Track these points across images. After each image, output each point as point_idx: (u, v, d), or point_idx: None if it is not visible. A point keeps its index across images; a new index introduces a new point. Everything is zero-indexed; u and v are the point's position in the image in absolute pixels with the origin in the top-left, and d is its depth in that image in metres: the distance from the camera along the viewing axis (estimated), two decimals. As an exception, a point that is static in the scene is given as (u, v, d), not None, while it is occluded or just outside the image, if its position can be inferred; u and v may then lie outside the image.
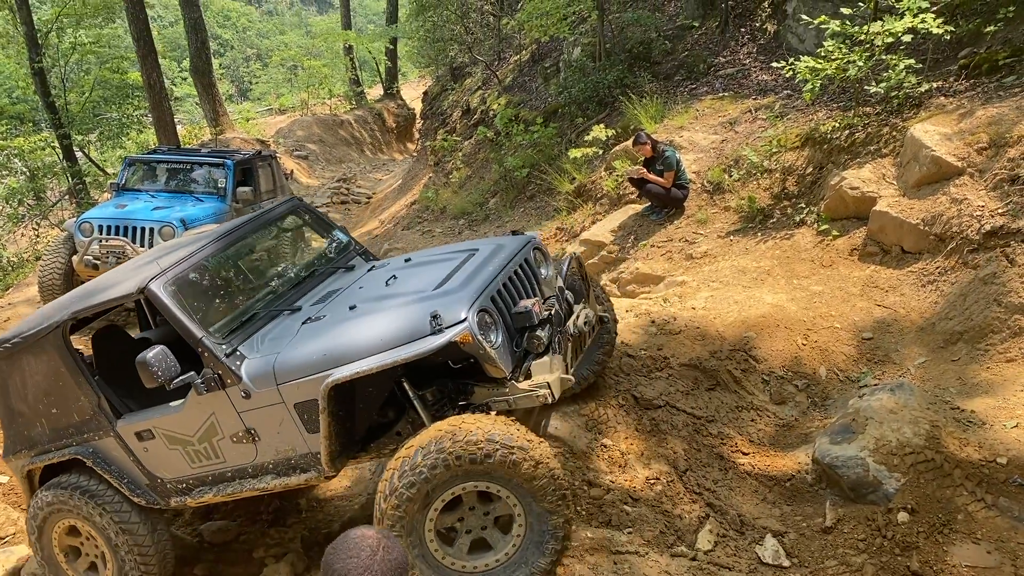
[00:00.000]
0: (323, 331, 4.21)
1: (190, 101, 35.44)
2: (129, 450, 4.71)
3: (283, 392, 4.12)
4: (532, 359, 4.15)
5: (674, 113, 10.81)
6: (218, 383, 4.23)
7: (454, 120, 18.09)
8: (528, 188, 12.74)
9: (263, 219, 5.39)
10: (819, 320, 6.56)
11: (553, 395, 3.98)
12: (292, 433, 4.24)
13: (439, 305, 3.98)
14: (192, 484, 4.70)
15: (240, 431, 4.34)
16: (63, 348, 4.69)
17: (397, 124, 31.68)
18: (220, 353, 4.23)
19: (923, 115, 7.73)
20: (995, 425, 5.00)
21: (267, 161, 12.28)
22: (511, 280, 4.47)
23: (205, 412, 4.37)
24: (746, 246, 8.23)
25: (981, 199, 6.55)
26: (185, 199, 10.61)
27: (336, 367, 3.95)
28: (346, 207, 20.45)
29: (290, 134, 26.79)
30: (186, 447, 4.54)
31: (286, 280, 5.13)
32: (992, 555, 4.33)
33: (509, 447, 3.66)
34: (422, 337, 3.87)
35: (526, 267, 4.72)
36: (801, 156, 8.65)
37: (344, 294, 4.69)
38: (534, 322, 4.16)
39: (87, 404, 4.73)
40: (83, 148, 23.12)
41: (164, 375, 4.10)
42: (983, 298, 6.02)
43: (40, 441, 4.99)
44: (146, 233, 9.61)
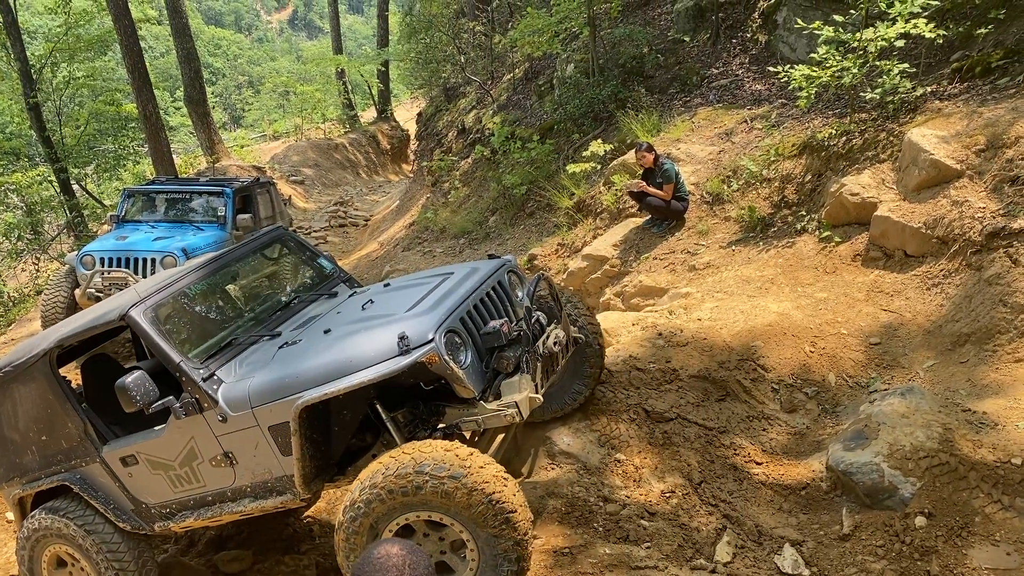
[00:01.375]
0: (297, 355, 4.28)
1: (184, 130, 35.58)
2: (114, 476, 4.80)
3: (258, 415, 4.19)
4: (501, 379, 4.20)
5: (670, 126, 10.86)
6: (196, 407, 4.31)
7: (450, 140, 18.16)
8: (528, 205, 12.78)
9: (247, 247, 5.47)
10: (826, 327, 6.56)
11: (521, 414, 4.03)
12: (268, 456, 4.30)
13: (408, 327, 4.03)
14: (175, 508, 4.78)
15: (218, 455, 4.41)
16: (50, 375, 4.80)
17: (392, 146, 31.78)
18: (197, 377, 4.31)
19: (919, 119, 7.78)
20: (1007, 426, 5.00)
21: (265, 188, 12.31)
22: (483, 302, 4.52)
23: (185, 436, 4.45)
24: (748, 255, 8.25)
25: (982, 200, 6.58)
26: (185, 228, 10.63)
27: (307, 389, 4.01)
28: (344, 230, 20.48)
29: (285, 159, 26.85)
30: (168, 472, 4.62)
31: (268, 307, 5.23)
32: (1012, 556, 4.32)
33: (439, 477, 3.62)
34: (390, 358, 3.92)
35: (499, 289, 4.76)
36: (799, 164, 8.69)
37: (323, 319, 4.76)
38: (503, 342, 4.21)
39: (74, 431, 4.82)
40: (80, 181, 23.16)
41: (143, 399, 4.17)
42: (988, 299, 6.04)
43: (31, 468, 5.07)
44: (148, 264, 9.61)
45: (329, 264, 5.71)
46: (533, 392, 4.19)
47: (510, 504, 3.66)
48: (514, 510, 3.67)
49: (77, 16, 21.44)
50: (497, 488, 3.67)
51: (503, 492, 3.67)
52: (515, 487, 3.76)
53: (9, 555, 6.23)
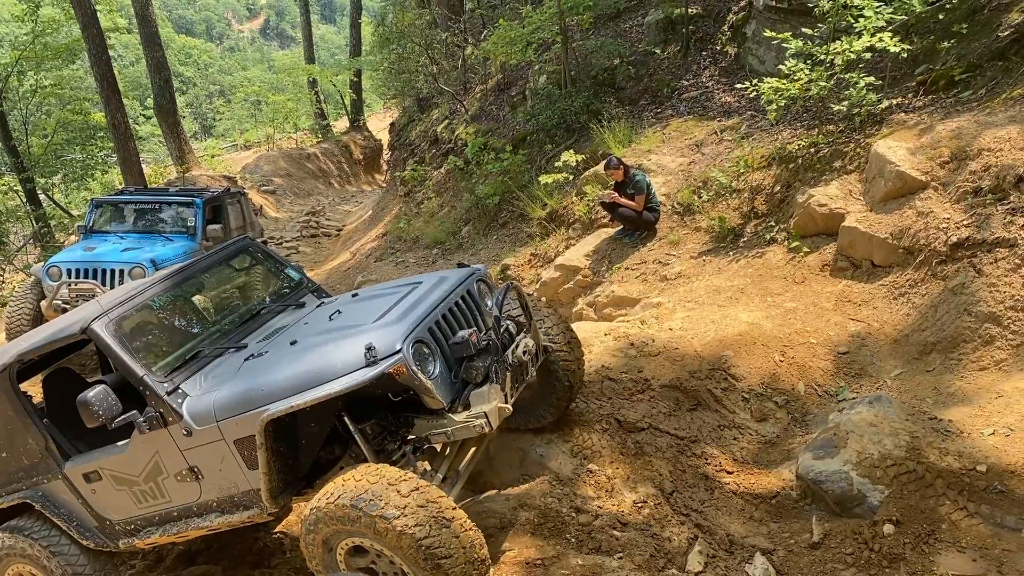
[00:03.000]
0: (262, 367, 4.23)
1: (154, 140, 35.21)
2: (77, 492, 4.72)
3: (223, 429, 4.14)
4: (471, 389, 4.15)
5: (641, 137, 10.94)
6: (160, 421, 4.24)
7: (423, 150, 18.15)
8: (500, 215, 12.80)
9: (213, 259, 5.41)
10: (795, 336, 6.63)
11: (490, 424, 3.99)
12: (234, 470, 4.25)
13: (375, 337, 3.98)
14: (140, 525, 4.71)
15: (184, 469, 4.35)
16: (10, 391, 4.71)
17: (364, 156, 31.71)
18: (161, 391, 4.25)
19: (885, 131, 7.90)
20: (972, 433, 5.08)
21: (236, 198, 12.25)
22: (452, 312, 4.47)
23: (149, 451, 4.39)
24: (719, 265, 8.33)
25: (946, 211, 6.69)
26: (155, 239, 10.53)
27: (273, 402, 3.96)
28: (316, 240, 20.37)
29: (256, 169, 26.68)
30: (132, 487, 4.56)
31: (234, 318, 5.14)
32: (978, 562, 4.38)
33: (371, 515, 3.58)
34: (357, 369, 3.88)
35: (468, 299, 4.72)
36: (768, 175, 8.79)
37: (289, 331, 4.71)
38: (471, 352, 4.17)
39: (35, 447, 4.73)
40: (47, 191, 22.84)
41: (105, 414, 4.10)
42: (953, 308, 6.14)
43: None
44: (116, 275, 9.50)
45: (297, 274, 5.66)
46: (502, 402, 4.15)
47: (442, 551, 3.55)
48: (447, 556, 3.55)
49: (45, 24, 21.17)
50: (430, 533, 3.56)
51: (436, 537, 3.56)
52: (458, 529, 3.63)
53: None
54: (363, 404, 4.23)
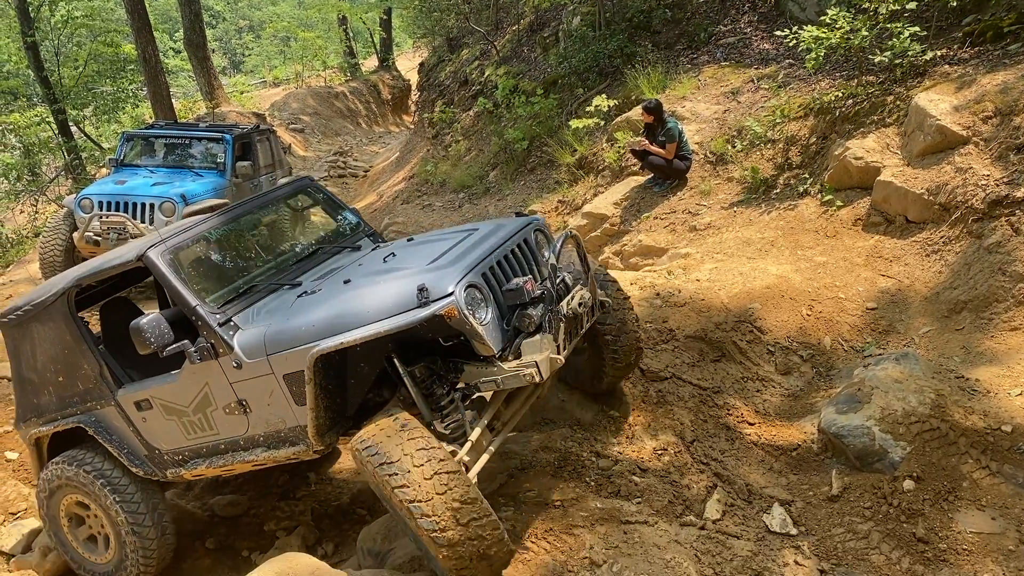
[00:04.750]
0: (315, 304, 4.22)
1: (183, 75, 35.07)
2: (128, 420, 4.79)
3: (273, 363, 4.14)
4: (522, 338, 4.06)
5: (676, 83, 10.75)
6: (211, 352, 4.26)
7: (452, 91, 17.95)
8: (529, 160, 12.69)
9: (272, 196, 5.41)
10: (823, 291, 6.58)
11: (540, 374, 3.90)
12: (282, 405, 4.26)
13: (428, 279, 3.92)
14: (187, 456, 4.76)
15: (232, 402, 4.38)
16: (68, 316, 4.77)
17: (393, 96, 31.45)
18: (213, 322, 4.26)
19: (927, 84, 7.70)
20: (999, 393, 5.04)
21: (265, 135, 12.22)
22: (508, 259, 4.37)
23: (199, 382, 4.42)
24: (750, 217, 8.23)
25: (986, 168, 6.55)
26: (184, 174, 10.56)
27: (323, 338, 3.94)
28: (343, 181, 20.36)
29: (285, 107, 26.58)
30: (182, 418, 4.60)
31: (290, 256, 5.13)
32: (997, 521, 4.38)
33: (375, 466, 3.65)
34: (408, 310, 3.84)
35: (525, 248, 4.60)
36: (804, 126, 8.62)
37: (344, 271, 4.68)
38: (525, 300, 4.07)
39: (90, 372, 4.80)
40: (78, 123, 22.94)
41: (156, 342, 4.13)
42: (987, 267, 6.04)
43: (47, 409, 5.07)
44: (146, 209, 9.57)
45: (354, 217, 5.59)
46: (554, 353, 4.06)
47: (433, 520, 3.51)
48: (438, 528, 3.51)
49: (75, -46, 21.02)
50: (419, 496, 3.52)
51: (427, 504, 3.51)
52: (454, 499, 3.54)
53: (8, 493, 6.29)
54: (414, 347, 4.14)
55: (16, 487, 6.36)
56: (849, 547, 4.46)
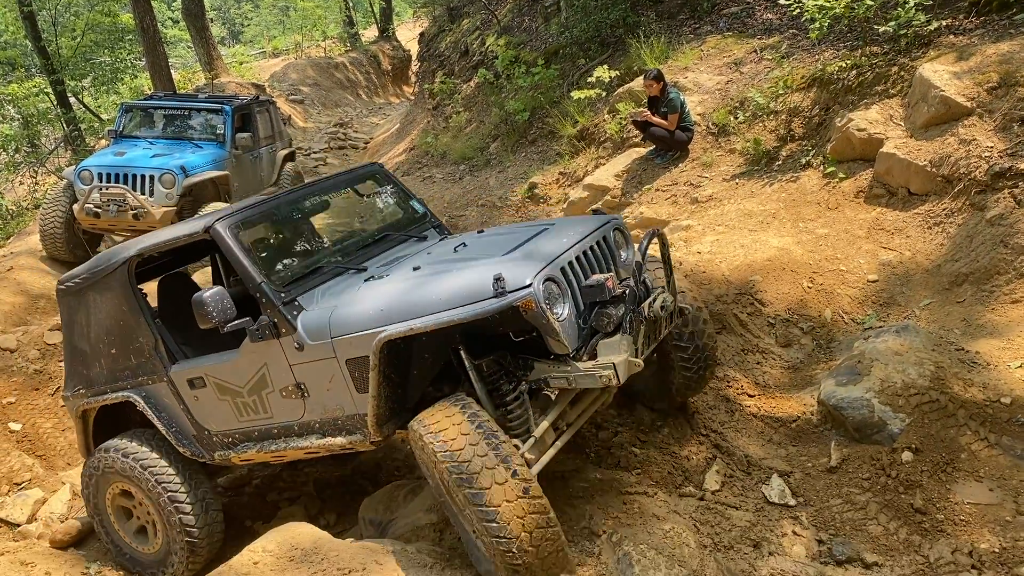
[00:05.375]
0: (383, 288, 4.09)
1: (182, 45, 34.82)
2: (180, 397, 4.68)
3: (336, 347, 4.02)
4: (599, 338, 3.88)
5: (678, 53, 10.66)
6: (272, 331, 4.15)
7: (452, 62, 17.81)
8: (530, 132, 12.62)
9: (341, 179, 5.30)
10: (825, 263, 6.57)
11: (618, 377, 3.69)
12: (341, 391, 4.14)
13: (505, 269, 3.74)
14: (238, 438, 4.65)
15: (290, 385, 4.27)
16: (127, 286, 4.68)
17: (393, 67, 31.18)
18: (277, 300, 4.15)
19: (932, 54, 7.63)
20: (999, 366, 5.06)
21: (265, 106, 12.16)
22: (586, 255, 4.18)
23: (257, 362, 4.31)
24: (751, 189, 8.20)
25: (990, 140, 6.51)
26: (184, 146, 10.51)
27: (390, 324, 3.81)
28: (344, 152, 20.26)
29: (284, 78, 26.38)
30: (235, 398, 4.49)
31: (355, 241, 5.01)
32: (994, 492, 4.42)
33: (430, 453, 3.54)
34: (483, 299, 3.67)
35: (604, 246, 4.39)
36: (807, 97, 8.56)
37: (411, 259, 4.55)
38: (606, 298, 3.89)
39: (144, 345, 4.70)
40: (77, 94, 22.78)
41: (219, 316, 4.04)
42: (989, 239, 6.03)
43: (97, 381, 4.98)
44: (146, 180, 9.53)
45: (420, 207, 5.45)
46: (633, 356, 3.85)
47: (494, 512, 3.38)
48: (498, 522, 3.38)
49: (71, -79, 20.76)
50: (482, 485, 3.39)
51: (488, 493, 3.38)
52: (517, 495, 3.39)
53: (12, 464, 6.34)
54: (481, 340, 3.97)
55: (20, 458, 6.42)
56: (847, 518, 4.50)
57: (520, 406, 3.87)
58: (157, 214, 9.37)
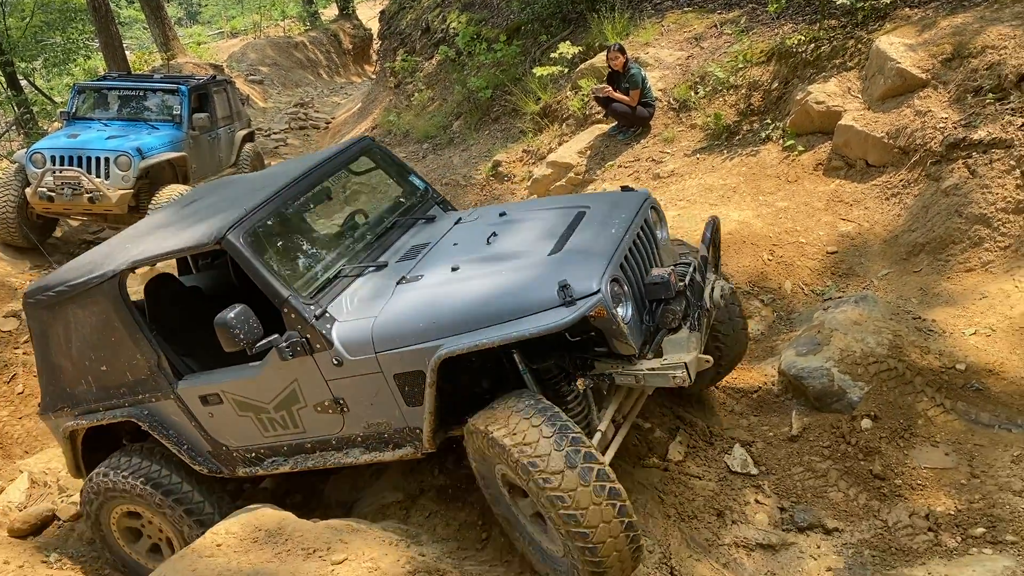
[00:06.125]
0: (425, 294, 3.79)
1: (138, 25, 34.02)
2: (191, 414, 4.34)
3: (382, 361, 3.73)
4: (664, 334, 3.73)
5: (640, 29, 10.63)
6: (306, 348, 3.82)
7: (413, 40, 17.61)
8: (493, 110, 12.54)
9: (337, 160, 4.84)
10: (785, 235, 6.63)
11: (690, 377, 3.56)
12: (388, 405, 3.87)
13: (566, 272, 3.53)
14: (264, 454, 4.34)
15: (327, 400, 3.97)
16: (118, 300, 4.24)
17: (354, 45, 30.77)
18: (309, 315, 3.81)
19: (888, 27, 7.70)
20: (954, 333, 5.15)
21: (223, 86, 11.96)
22: (635, 244, 3.98)
23: (286, 379, 3.99)
24: (712, 164, 8.24)
25: (944, 111, 6.59)
26: (140, 127, 10.31)
27: (446, 336, 3.55)
28: (305, 133, 20.00)
29: (243, 58, 25.94)
30: (259, 415, 4.17)
31: (364, 232, 4.63)
32: (950, 456, 4.52)
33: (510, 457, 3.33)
34: (549, 308, 3.44)
35: (646, 229, 4.20)
36: (767, 71, 8.60)
37: (437, 251, 4.25)
38: (671, 294, 3.73)
39: (143, 363, 4.31)
40: (28, 76, 22.19)
41: (246, 337, 3.69)
42: (945, 209, 6.12)
43: (85, 400, 4.59)
44: (101, 163, 9.32)
45: (420, 183, 5.09)
46: (702, 352, 3.71)
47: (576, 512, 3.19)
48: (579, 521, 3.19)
49: None
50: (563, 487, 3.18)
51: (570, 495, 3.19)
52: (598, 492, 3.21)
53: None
54: (535, 341, 3.69)
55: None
56: (808, 485, 4.58)
57: (579, 403, 3.72)
58: (113, 197, 9.18)
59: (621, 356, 3.67)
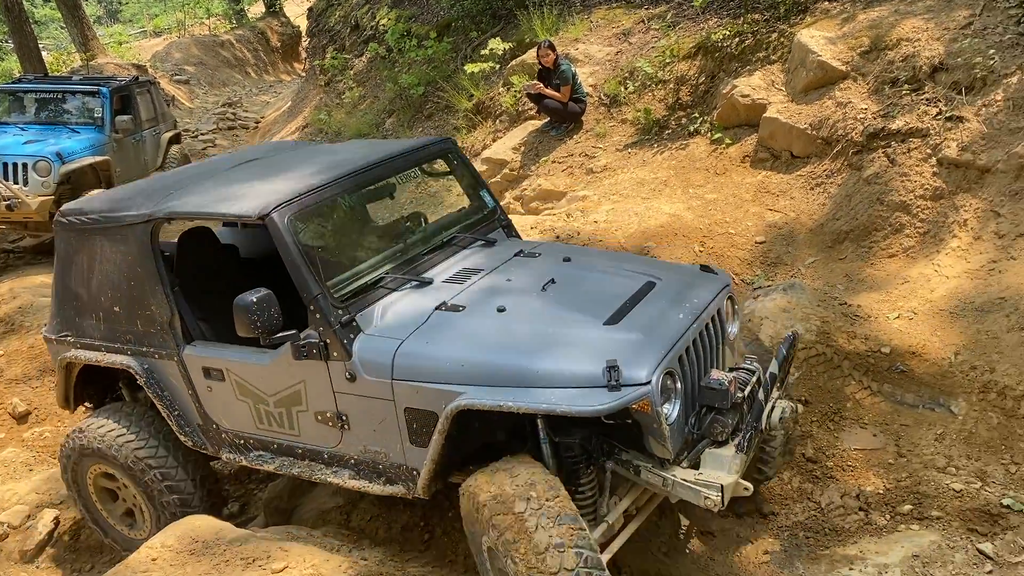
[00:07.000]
0: (463, 331, 3.52)
1: (54, 25, 32.91)
2: (190, 382, 4.15)
3: (396, 390, 3.48)
4: (707, 444, 3.42)
5: (569, 25, 10.70)
6: (322, 352, 3.58)
7: (343, 37, 17.42)
8: (426, 107, 12.48)
9: (412, 156, 4.52)
10: (715, 227, 6.76)
11: (723, 502, 3.22)
12: (391, 437, 3.62)
13: (618, 350, 3.22)
14: (253, 444, 4.15)
15: (329, 412, 3.75)
16: (147, 248, 4.05)
17: (282, 43, 30.30)
18: (335, 319, 3.57)
19: (809, 20, 7.90)
20: (879, 318, 5.32)
21: (146, 87, 11.69)
22: (701, 335, 3.62)
23: (294, 377, 3.78)
24: (643, 158, 8.35)
25: (864, 102, 6.79)
26: (59, 131, 10.02)
27: (471, 385, 3.28)
28: (234, 133, 19.64)
29: (167, 58, 25.33)
30: (258, 404, 3.97)
31: (417, 240, 4.31)
32: (878, 437, 4.67)
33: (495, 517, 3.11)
34: (591, 387, 3.13)
35: (716, 321, 3.81)
36: (694, 66, 8.74)
37: (486, 282, 3.94)
38: (726, 405, 3.39)
39: (156, 316, 4.11)
40: (-63, 79, 21.28)
41: (264, 326, 3.48)
42: (867, 198, 6.31)
43: (90, 334, 4.41)
44: (19, 168, 9.04)
45: (491, 201, 4.74)
46: (742, 477, 3.37)
47: None
48: None
49: None
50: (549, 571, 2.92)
51: None
52: None
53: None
54: None
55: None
56: (743, 471, 4.67)
57: (592, 488, 3.44)
58: (33, 204, 8.90)
59: (652, 456, 3.37)
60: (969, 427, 4.58)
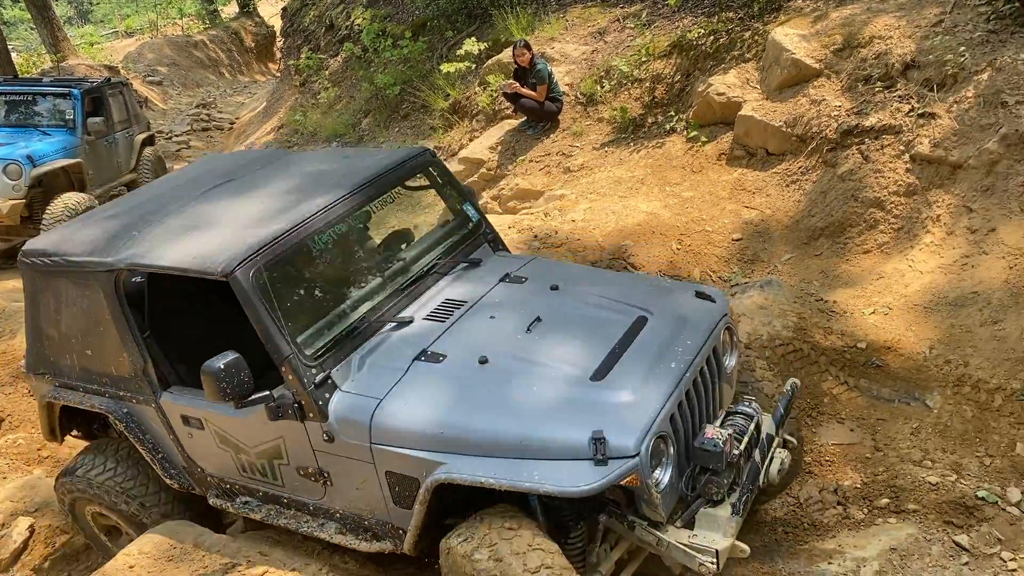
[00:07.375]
0: (443, 388, 3.37)
1: (23, 26, 32.48)
2: (170, 428, 3.99)
3: (376, 455, 3.35)
4: (701, 504, 3.34)
5: (544, 24, 10.72)
6: (297, 413, 3.43)
7: (318, 37, 17.32)
8: (402, 107, 12.44)
9: (389, 177, 4.20)
10: (692, 225, 6.79)
11: (718, 568, 3.17)
12: (374, 497, 3.50)
13: (604, 417, 3.09)
14: (239, 490, 4.03)
15: (311, 468, 3.61)
16: (112, 296, 3.84)
17: (256, 43, 30.07)
18: (308, 380, 3.39)
19: (782, 18, 7.96)
20: (855, 313, 5.37)
21: (119, 88, 11.56)
22: (695, 382, 3.48)
23: (272, 433, 3.62)
24: (620, 157, 8.37)
25: (838, 99, 6.85)
26: (30, 133, 9.89)
27: (452, 452, 3.16)
28: (208, 134, 19.48)
29: (140, 59, 25.05)
30: (239, 454, 3.82)
31: (396, 271, 4.07)
32: (855, 432, 4.71)
33: None
34: (575, 459, 3.02)
35: (712, 360, 3.65)
36: (669, 64, 8.78)
37: (469, 323, 3.73)
38: (721, 466, 3.27)
39: (128, 364, 3.96)
40: (-96, 82, 20.92)
41: (234, 392, 3.29)
42: (842, 194, 6.36)
43: (67, 374, 4.29)
44: (-11, 172, 8.90)
45: (475, 214, 4.47)
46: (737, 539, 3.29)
47: None
48: None
49: None
50: None
51: None
52: None
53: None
54: None
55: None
56: (723, 467, 4.69)
57: (581, 539, 3.34)
58: (4, 208, 8.78)
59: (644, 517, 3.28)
60: (944, 420, 4.64)
